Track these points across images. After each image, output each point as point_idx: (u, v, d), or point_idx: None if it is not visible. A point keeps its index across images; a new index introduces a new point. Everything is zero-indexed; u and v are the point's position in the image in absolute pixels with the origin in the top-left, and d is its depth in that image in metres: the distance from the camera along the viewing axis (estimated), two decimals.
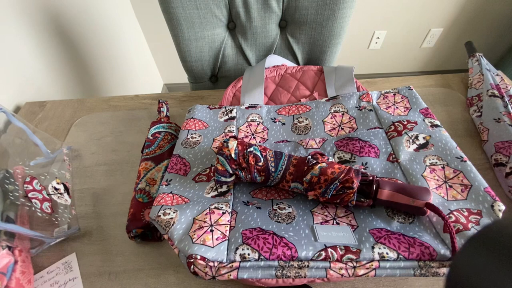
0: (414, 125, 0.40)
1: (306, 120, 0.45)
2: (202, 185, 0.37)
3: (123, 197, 0.46)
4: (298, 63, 0.79)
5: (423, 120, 0.41)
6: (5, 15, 0.62)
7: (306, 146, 0.41)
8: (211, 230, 0.30)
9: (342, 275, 0.27)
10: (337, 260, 0.28)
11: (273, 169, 0.34)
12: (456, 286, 0.11)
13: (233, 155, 0.34)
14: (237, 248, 0.28)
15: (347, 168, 0.31)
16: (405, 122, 0.41)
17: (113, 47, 1.13)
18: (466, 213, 0.30)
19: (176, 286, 0.37)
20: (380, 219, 0.31)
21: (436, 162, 0.36)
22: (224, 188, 0.36)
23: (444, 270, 0.27)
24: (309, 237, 0.29)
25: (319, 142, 0.41)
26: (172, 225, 0.31)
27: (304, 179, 0.32)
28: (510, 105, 0.47)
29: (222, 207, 0.33)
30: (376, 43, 1.57)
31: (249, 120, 0.46)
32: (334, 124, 0.44)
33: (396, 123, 0.41)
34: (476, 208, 0.31)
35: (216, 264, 0.27)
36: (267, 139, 0.43)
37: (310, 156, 0.33)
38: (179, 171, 0.39)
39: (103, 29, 1.05)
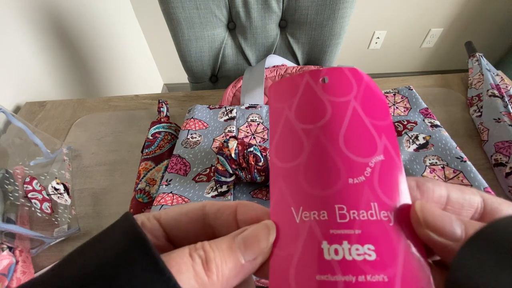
0: (414, 125, 0.40)
1: None
2: (202, 185, 0.37)
3: (123, 197, 0.46)
4: (298, 63, 0.79)
5: (423, 120, 0.41)
6: (5, 15, 0.62)
7: None
8: None
9: None
10: None
11: None
12: (455, 285, 0.11)
13: (233, 155, 0.34)
14: None
15: None
16: (405, 122, 0.41)
17: (113, 47, 1.13)
18: None
19: None
20: None
21: (436, 162, 0.36)
22: (224, 188, 0.36)
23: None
24: None
25: None
26: None
27: None
28: (510, 105, 0.47)
29: None
30: (376, 43, 1.57)
31: (249, 120, 0.46)
32: None
33: (396, 123, 0.41)
34: None
35: None
36: (267, 139, 0.43)
37: None
38: (179, 171, 0.39)
39: (103, 29, 1.05)
